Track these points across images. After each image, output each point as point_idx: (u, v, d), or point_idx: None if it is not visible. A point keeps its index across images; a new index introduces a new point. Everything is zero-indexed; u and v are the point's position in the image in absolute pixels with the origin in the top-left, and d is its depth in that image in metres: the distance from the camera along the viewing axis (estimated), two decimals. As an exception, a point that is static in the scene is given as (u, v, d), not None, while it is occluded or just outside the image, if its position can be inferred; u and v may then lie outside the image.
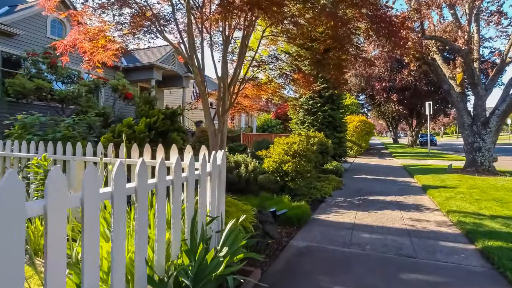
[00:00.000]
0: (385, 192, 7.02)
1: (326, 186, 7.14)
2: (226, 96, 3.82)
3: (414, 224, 4.47)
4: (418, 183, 8.28)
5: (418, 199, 6.34)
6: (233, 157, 5.80)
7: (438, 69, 10.31)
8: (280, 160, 5.90)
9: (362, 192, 7.00)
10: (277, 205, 4.78)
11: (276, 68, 4.89)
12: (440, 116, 29.33)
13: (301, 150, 6.05)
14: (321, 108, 10.33)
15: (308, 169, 6.05)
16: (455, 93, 9.92)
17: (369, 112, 37.45)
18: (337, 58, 4.17)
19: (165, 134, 4.12)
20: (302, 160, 6.00)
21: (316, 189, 6.67)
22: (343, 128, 10.83)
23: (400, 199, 6.29)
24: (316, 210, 5.33)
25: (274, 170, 5.96)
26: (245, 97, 5.10)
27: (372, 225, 4.43)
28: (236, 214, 3.34)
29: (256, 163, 5.91)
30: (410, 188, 7.61)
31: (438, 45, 11.06)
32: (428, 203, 5.93)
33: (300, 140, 6.25)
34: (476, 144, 9.46)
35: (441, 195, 6.35)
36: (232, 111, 5.31)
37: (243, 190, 5.44)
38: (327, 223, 4.53)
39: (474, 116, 9.67)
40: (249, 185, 5.47)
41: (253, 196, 5.25)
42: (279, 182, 5.95)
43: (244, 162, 5.69)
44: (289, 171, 5.74)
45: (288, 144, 6.20)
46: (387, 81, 21.44)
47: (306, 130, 10.39)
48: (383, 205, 5.71)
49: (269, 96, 5.46)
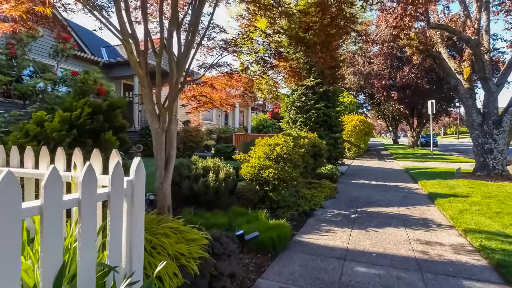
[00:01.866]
0: (386, 201, 6.02)
1: (318, 194, 6.13)
2: (173, 81, 2.81)
3: (424, 250, 3.46)
4: (423, 190, 7.27)
5: (425, 211, 5.33)
6: (202, 162, 4.80)
7: (444, 63, 9.32)
8: (259, 165, 4.89)
9: (359, 201, 5.99)
10: (250, 224, 3.78)
11: (251, 52, 3.90)
12: (441, 116, 28.35)
13: (286, 154, 5.04)
14: (315, 106, 9.32)
15: (294, 176, 5.04)
16: (463, 88, 8.92)
17: (368, 112, 36.46)
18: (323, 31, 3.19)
19: (98, 133, 3.10)
20: (286, 166, 4.99)
21: (305, 198, 5.66)
22: (339, 128, 9.82)
23: (404, 211, 5.28)
24: (302, 227, 4.32)
25: (252, 178, 4.95)
26: (213, 89, 4.11)
27: (370, 251, 3.42)
28: (175, 247, 2.33)
29: (230, 169, 4.90)
30: (415, 196, 6.60)
31: (443, 37, 10.07)
32: (438, 217, 4.92)
33: (285, 141, 5.25)
34: (487, 145, 8.46)
35: (453, 206, 5.34)
36: (197, 106, 4.30)
37: (212, 203, 4.44)
38: (312, 248, 3.51)
39: (485, 114, 8.68)
40: (219, 196, 4.47)
41: (222, 212, 4.25)
42: (258, 191, 4.95)
43: (215, 168, 4.68)
44: (270, 178, 4.74)
45: (270, 146, 5.19)
46: (387, 79, 20.43)
47: (298, 130, 9.38)
48: (384, 220, 4.70)
49: (245, 88, 4.46)
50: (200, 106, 4.23)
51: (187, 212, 3.97)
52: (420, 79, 19.87)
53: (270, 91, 4.63)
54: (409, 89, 20.40)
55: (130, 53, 2.72)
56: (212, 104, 4.28)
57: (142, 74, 2.77)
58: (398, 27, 8.06)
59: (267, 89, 4.62)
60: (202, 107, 4.22)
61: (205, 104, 4.10)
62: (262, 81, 4.36)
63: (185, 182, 4.30)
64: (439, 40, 9.80)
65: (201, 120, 21.95)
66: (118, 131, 3.43)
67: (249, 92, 4.63)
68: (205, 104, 4.10)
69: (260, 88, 4.45)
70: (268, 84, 4.46)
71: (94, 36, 16.27)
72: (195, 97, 4.05)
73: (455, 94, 9.80)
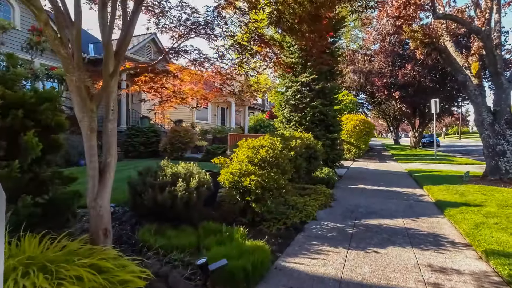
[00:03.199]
0: (389, 211, 5.29)
1: (311, 203, 5.40)
2: (108, 66, 2.09)
3: (439, 282, 2.73)
4: (430, 196, 6.54)
5: (434, 223, 4.60)
6: (172, 167, 4.08)
7: (451, 57, 8.58)
8: (240, 171, 4.17)
9: (358, 211, 5.26)
10: (221, 246, 3.05)
11: (226, 35, 3.18)
12: (444, 115, 27.60)
13: (272, 157, 4.31)
14: (310, 104, 8.59)
15: (281, 183, 4.32)
16: (472, 85, 8.18)
17: (369, 111, 35.70)
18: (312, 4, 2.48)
19: (17, 134, 2.39)
20: (272, 171, 4.26)
21: (295, 208, 4.93)
22: (337, 128, 9.09)
23: (410, 223, 4.55)
24: (289, 246, 3.59)
25: (232, 186, 4.22)
26: (182, 81, 3.40)
27: (370, 283, 2.70)
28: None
29: (205, 175, 4.18)
30: (421, 205, 5.87)
31: (449, 30, 9.32)
32: (450, 232, 4.19)
33: (272, 143, 4.52)
34: (499, 147, 7.72)
35: (466, 218, 4.61)
36: (160, 101, 3.57)
37: (181, 218, 3.71)
38: (297, 278, 2.79)
39: (496, 113, 7.94)
40: (190, 209, 3.74)
41: (192, 228, 3.52)
42: (239, 202, 4.22)
43: (186, 175, 3.96)
44: (252, 187, 4.01)
45: (254, 148, 4.47)
46: (389, 77, 19.67)
47: (293, 130, 8.66)
48: (387, 236, 3.97)
49: (223, 80, 3.74)
50: (165, 101, 3.52)
51: (147, 231, 3.25)
52: (422, 77, 19.13)
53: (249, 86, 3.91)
54: (411, 88, 19.66)
55: (45, 25, 2.00)
56: (181, 99, 3.56)
57: (64, 54, 2.05)
58: (402, 18, 7.33)
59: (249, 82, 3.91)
60: (168, 103, 3.50)
61: (171, 99, 3.38)
62: (241, 70, 3.64)
63: (147, 193, 3.58)
64: (445, 33, 9.07)
65: (195, 119, 21.27)
66: (51, 131, 2.71)
67: (227, 85, 3.91)
68: (171, 99, 3.38)
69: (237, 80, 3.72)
70: (249, 75, 3.74)
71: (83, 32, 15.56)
72: (155, 89, 3.33)
73: (463, 91, 9.07)
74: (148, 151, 11.39)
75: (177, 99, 3.52)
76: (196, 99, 3.81)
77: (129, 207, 3.91)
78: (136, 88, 3.26)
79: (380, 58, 20.24)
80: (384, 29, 9.83)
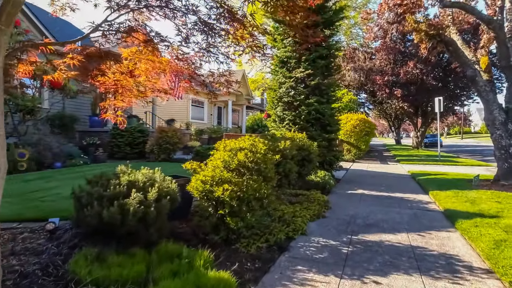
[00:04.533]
0: (391, 223, 4.59)
1: (301, 213, 4.71)
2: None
3: (460, 334, 2.03)
4: (437, 204, 5.83)
5: (445, 240, 3.89)
6: (129, 174, 3.39)
7: (459, 50, 7.86)
8: (213, 178, 3.48)
9: (355, 223, 4.57)
10: (175, 280, 2.36)
11: (186, 10, 2.49)
12: (448, 115, 26.84)
13: (252, 162, 3.62)
14: (305, 101, 7.89)
15: (263, 193, 3.62)
16: (482, 80, 7.47)
17: (369, 111, 34.95)
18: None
19: None
20: (252, 179, 3.57)
21: (282, 221, 4.25)
22: (334, 127, 8.38)
23: (417, 240, 3.85)
24: (267, 273, 2.90)
25: (202, 196, 3.53)
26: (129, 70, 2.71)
27: (367, 336, 2.00)
28: None
29: (171, 183, 3.49)
30: (428, 215, 5.16)
31: (455, 22, 8.61)
32: (466, 252, 3.48)
33: (253, 145, 3.82)
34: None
35: (482, 233, 3.91)
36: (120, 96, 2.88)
37: (136, 237, 3.02)
38: (270, 327, 2.09)
39: (509, 111, 7.23)
40: (148, 226, 3.05)
41: (144, 251, 2.83)
42: (211, 215, 3.52)
43: (145, 184, 3.27)
44: (226, 198, 3.32)
45: (231, 151, 3.77)
46: (390, 75, 18.93)
47: (286, 129, 7.96)
48: (389, 258, 3.27)
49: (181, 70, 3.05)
50: (108, 93, 2.83)
51: (83, 257, 2.56)
52: (425, 75, 18.39)
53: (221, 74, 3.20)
54: (414, 86, 18.92)
55: None
56: (138, 92, 2.88)
57: None
58: (404, 5, 6.63)
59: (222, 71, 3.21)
60: (120, 96, 2.81)
61: (119, 91, 2.69)
62: (209, 57, 2.95)
63: (92, 206, 2.89)
64: (451, 25, 8.35)
65: (190, 119, 20.59)
66: None
67: (195, 75, 3.22)
68: (119, 91, 2.69)
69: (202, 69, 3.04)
70: (218, 62, 3.05)
71: (69, 27, 14.95)
72: (92, 77, 2.62)
73: (473, 87, 8.35)
74: (135, 152, 10.72)
75: (127, 91, 2.83)
76: (158, 91, 3.12)
77: (73, 223, 3.22)
78: (60, 75, 2.56)
79: (381, 56, 19.52)
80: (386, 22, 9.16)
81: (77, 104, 12.02)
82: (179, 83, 3.51)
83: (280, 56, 8.37)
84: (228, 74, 3.19)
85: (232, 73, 3.17)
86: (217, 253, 3.24)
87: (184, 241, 3.48)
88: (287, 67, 8.33)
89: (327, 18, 8.06)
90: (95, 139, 10.74)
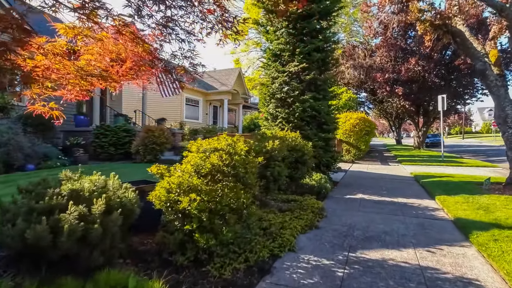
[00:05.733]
0: (395, 235, 3.96)
1: (291, 224, 4.08)
2: None
3: None
4: (445, 211, 5.20)
5: (459, 258, 3.26)
6: (73, 182, 2.76)
7: (467, 42, 7.24)
8: (179, 185, 2.85)
9: (353, 235, 3.94)
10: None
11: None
12: (450, 114, 26.20)
13: (228, 166, 2.99)
14: (300, 97, 7.27)
15: (241, 203, 2.99)
16: (492, 74, 6.84)
17: (370, 110, 34.30)
18: None
19: None
20: (228, 187, 2.94)
21: (268, 234, 3.62)
22: (331, 126, 7.75)
23: (426, 258, 3.22)
24: (240, 308, 2.27)
25: (168, 207, 2.90)
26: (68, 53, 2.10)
27: None
28: None
29: (127, 192, 2.86)
30: (436, 225, 4.53)
31: (462, 12, 7.98)
32: (487, 276, 2.85)
33: (230, 145, 3.19)
34: (527, 148, 6.37)
35: (504, 250, 3.29)
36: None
37: (73, 261, 2.39)
38: None
39: (522, 108, 6.59)
40: (93, 248, 2.43)
41: (80, 281, 2.20)
42: (177, 231, 2.88)
43: (93, 194, 2.64)
44: (193, 211, 2.69)
45: (204, 153, 3.14)
46: (391, 72, 18.28)
47: (279, 128, 7.34)
48: (395, 285, 2.65)
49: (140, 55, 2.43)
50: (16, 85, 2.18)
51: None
52: (427, 72, 17.75)
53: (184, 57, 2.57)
54: (415, 84, 18.27)
55: None
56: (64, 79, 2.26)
57: None
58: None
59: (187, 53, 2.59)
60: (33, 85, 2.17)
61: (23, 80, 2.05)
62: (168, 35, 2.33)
63: (14, 225, 2.26)
64: (458, 15, 7.72)
65: (184, 118, 19.96)
66: None
67: (155, 59, 2.60)
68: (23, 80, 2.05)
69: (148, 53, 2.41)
70: (179, 40, 2.42)
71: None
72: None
73: (482, 82, 7.74)
74: (120, 153, 10.08)
75: (61, 78, 2.21)
76: (104, 80, 2.49)
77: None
78: None
79: (382, 53, 18.88)
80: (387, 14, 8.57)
81: (62, 102, 11.40)
82: (140, 69, 2.88)
83: (273, 49, 7.74)
84: (192, 55, 2.57)
85: (197, 54, 2.56)
86: (181, 279, 2.62)
87: (144, 263, 2.87)
88: (280, 60, 7.71)
89: (323, 7, 7.43)
90: (79, 139, 10.11)
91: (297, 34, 7.55)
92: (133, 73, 2.99)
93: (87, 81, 2.50)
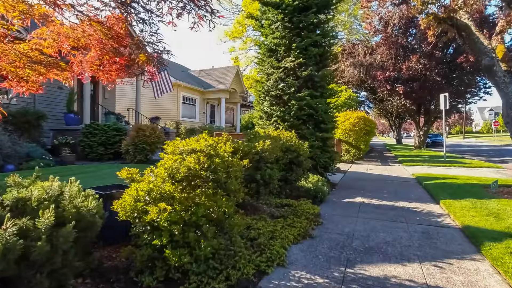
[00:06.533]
0: (398, 246, 3.55)
1: (282, 233, 3.67)
2: None
3: None
4: (452, 218, 4.79)
5: (471, 275, 2.86)
6: (20, 189, 2.36)
7: (473, 36, 6.83)
8: (149, 193, 2.45)
9: (351, 246, 3.53)
10: None
11: None
12: (452, 113, 25.78)
13: (207, 169, 2.59)
14: (296, 95, 6.86)
15: (221, 213, 2.59)
16: (501, 70, 6.43)
17: (370, 110, 33.90)
18: None
19: None
20: (206, 194, 2.54)
21: (256, 246, 3.21)
22: (329, 125, 7.34)
23: (433, 275, 2.82)
24: None
25: (135, 218, 2.49)
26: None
27: None
28: None
29: (87, 201, 2.45)
30: (443, 233, 4.12)
31: (468, 4, 7.57)
32: (507, 299, 2.45)
33: (210, 146, 2.79)
34: (537, 149, 5.95)
35: (523, 265, 2.88)
36: None
37: (8, 285, 1.99)
38: None
39: (532, 106, 6.19)
40: (39, 269, 2.02)
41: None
42: (146, 244, 2.48)
43: (41, 204, 2.23)
44: (163, 223, 2.29)
45: (180, 155, 2.74)
46: (391, 71, 17.86)
47: (274, 127, 6.93)
48: (399, 311, 2.24)
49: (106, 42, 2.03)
50: None
51: None
52: (429, 70, 17.34)
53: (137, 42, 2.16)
54: (417, 82, 17.85)
55: None
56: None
57: None
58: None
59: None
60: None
61: None
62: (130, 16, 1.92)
63: None
64: (464, 8, 7.31)
65: (180, 117, 19.55)
66: None
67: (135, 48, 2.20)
68: None
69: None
70: (140, 21, 2.02)
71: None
72: None
73: (489, 78, 7.32)
74: (110, 153, 9.67)
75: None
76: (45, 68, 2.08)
77: None
78: None
79: (382, 50, 18.46)
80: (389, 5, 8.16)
81: (50, 100, 10.98)
82: (104, 59, 2.47)
83: (268, 44, 7.33)
84: (155, 41, 2.17)
85: (161, 39, 2.16)
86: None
87: (106, 284, 2.46)
88: (275, 56, 7.30)
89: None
90: (68, 138, 9.69)
91: (294, 28, 7.14)
92: (99, 64, 2.59)
93: (32, 70, 2.09)
